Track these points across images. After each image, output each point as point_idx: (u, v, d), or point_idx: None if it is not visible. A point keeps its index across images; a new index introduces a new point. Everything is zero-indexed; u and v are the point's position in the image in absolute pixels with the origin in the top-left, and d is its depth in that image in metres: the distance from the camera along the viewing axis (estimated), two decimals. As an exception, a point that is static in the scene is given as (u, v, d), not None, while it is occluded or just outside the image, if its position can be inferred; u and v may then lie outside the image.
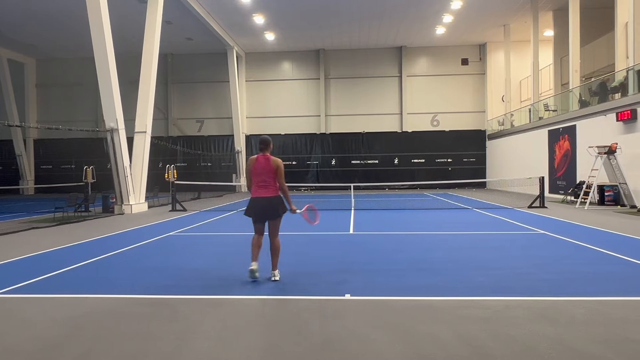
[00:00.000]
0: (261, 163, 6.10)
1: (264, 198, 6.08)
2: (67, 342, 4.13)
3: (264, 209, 6.13)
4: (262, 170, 6.09)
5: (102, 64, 15.95)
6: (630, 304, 4.94)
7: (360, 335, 4.15)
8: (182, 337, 4.19)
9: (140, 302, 5.32)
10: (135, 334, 4.29)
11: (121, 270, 7.02)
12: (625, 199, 15.86)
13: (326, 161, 32.59)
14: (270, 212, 6.13)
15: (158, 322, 4.59)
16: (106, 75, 15.98)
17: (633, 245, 8.50)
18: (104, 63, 15.91)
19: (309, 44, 31.57)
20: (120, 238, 10.48)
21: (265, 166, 6.09)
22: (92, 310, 5.03)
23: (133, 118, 17.96)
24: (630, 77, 16.34)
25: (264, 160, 6.09)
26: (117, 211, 16.48)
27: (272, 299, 5.36)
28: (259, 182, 6.11)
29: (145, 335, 4.24)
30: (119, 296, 5.57)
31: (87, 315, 4.84)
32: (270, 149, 6.22)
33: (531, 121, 24.93)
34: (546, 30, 26.45)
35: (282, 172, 6.13)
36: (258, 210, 6.16)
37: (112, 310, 5.03)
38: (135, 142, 17.82)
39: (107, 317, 4.77)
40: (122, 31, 23.93)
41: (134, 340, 4.14)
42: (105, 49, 15.75)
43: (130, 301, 5.37)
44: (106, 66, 15.90)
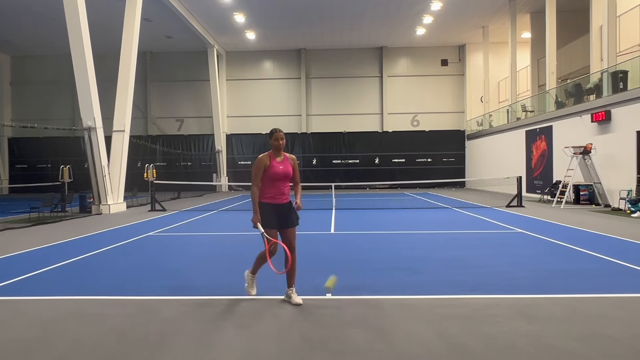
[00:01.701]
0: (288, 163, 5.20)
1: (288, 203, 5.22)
2: (43, 345, 4.04)
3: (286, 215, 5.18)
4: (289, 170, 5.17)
5: (80, 61, 15.66)
6: (605, 300, 5.05)
7: (340, 335, 4.15)
8: (162, 338, 4.14)
9: (118, 304, 5.24)
10: (113, 336, 4.23)
11: (99, 272, 6.91)
12: (599, 198, 16.22)
13: (307, 161, 32.58)
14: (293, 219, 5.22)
15: (137, 324, 4.53)
16: (83, 72, 15.70)
17: (607, 243, 8.71)
18: (81, 60, 15.62)
19: (290, 44, 31.51)
20: (97, 238, 10.31)
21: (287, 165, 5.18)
22: (69, 312, 4.94)
23: (111, 117, 17.68)
24: (605, 79, 16.72)
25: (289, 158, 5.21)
26: (94, 211, 16.21)
27: (252, 299, 5.34)
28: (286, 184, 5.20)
29: (124, 337, 4.18)
30: (96, 298, 5.48)
31: (64, 318, 4.75)
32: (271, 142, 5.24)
33: (509, 122, 25.33)
34: (524, 32, 26.88)
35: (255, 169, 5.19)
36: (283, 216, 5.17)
37: (90, 312, 4.95)
38: (114, 141, 17.55)
39: (85, 319, 4.69)
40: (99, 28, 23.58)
41: (113, 342, 4.08)
42: (82, 46, 15.47)
43: (109, 303, 5.29)
44: (83, 63, 15.62)
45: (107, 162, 16.74)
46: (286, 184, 5.13)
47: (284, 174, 5.05)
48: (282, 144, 5.09)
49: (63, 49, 19.83)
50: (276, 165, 5.03)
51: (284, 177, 5.05)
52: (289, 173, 5.08)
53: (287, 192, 5.16)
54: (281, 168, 5.03)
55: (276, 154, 5.09)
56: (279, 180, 5.03)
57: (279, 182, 5.04)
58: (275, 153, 5.09)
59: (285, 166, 5.07)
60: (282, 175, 5.03)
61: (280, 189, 5.07)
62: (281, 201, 5.09)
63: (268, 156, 5.07)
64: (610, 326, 4.24)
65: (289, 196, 5.18)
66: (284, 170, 5.04)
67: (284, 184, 5.09)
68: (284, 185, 5.09)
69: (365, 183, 28.81)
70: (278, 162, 5.05)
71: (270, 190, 5.05)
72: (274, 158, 5.07)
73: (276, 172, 5.01)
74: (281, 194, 5.08)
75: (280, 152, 5.11)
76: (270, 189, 5.04)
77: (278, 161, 5.06)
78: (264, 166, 5.01)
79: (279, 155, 5.10)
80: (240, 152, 33.12)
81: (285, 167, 5.06)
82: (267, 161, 5.03)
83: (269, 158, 5.06)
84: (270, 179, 5.01)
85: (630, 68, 15.70)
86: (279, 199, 5.07)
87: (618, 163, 15.37)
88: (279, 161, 5.07)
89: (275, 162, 5.04)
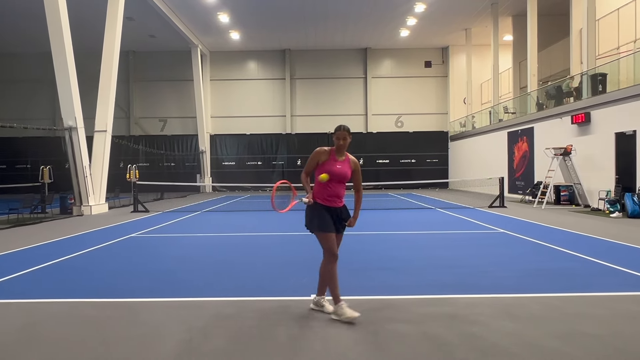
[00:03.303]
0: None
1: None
2: (24, 349, 3.96)
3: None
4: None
5: (60, 60, 15.42)
6: (586, 299, 5.14)
7: (325, 336, 4.15)
8: (144, 340, 4.09)
9: (100, 306, 5.17)
10: (95, 339, 4.16)
11: (80, 274, 6.80)
12: (579, 198, 16.51)
13: (292, 161, 32.54)
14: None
15: (119, 326, 4.47)
16: (64, 71, 15.46)
17: (587, 243, 8.86)
18: (62, 59, 15.38)
19: (274, 44, 31.46)
20: (78, 240, 10.16)
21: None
22: (49, 315, 4.86)
23: (92, 116, 17.45)
24: (584, 81, 17.03)
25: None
26: (75, 212, 15.97)
27: (237, 300, 5.31)
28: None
29: (106, 340, 4.12)
30: (77, 300, 5.39)
31: (44, 321, 4.67)
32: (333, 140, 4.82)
33: (491, 123, 25.63)
34: (506, 35, 27.24)
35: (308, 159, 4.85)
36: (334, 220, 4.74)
37: (71, 315, 4.87)
38: (95, 141, 17.32)
39: (66, 323, 4.62)
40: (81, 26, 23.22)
41: (95, 345, 4.02)
42: (63, 44, 15.23)
43: (90, 305, 5.21)
44: (64, 62, 15.38)
45: (88, 162, 16.51)
46: (342, 187, 4.73)
47: (341, 174, 4.63)
48: (343, 145, 4.66)
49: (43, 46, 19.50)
50: (334, 163, 4.63)
51: (340, 178, 4.64)
52: (346, 175, 4.68)
53: (342, 195, 4.75)
54: (338, 167, 4.62)
55: (338, 152, 4.69)
56: (334, 180, 4.62)
57: (333, 183, 4.63)
58: (337, 152, 4.69)
59: (344, 167, 4.66)
60: (337, 175, 4.61)
61: (335, 191, 4.66)
62: (336, 204, 4.68)
63: (329, 152, 4.66)
64: (591, 324, 4.31)
65: (343, 200, 4.80)
66: (341, 170, 4.63)
67: (339, 185, 4.68)
68: (339, 187, 4.69)
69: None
70: (337, 161, 4.66)
71: (325, 191, 4.64)
72: (334, 155, 4.67)
73: (332, 170, 4.59)
74: (336, 196, 4.67)
75: (343, 152, 4.71)
76: (325, 189, 4.64)
77: (338, 160, 4.67)
78: (318, 159, 4.64)
79: (340, 154, 4.70)
80: (225, 153, 32.95)
81: (344, 168, 4.65)
82: (325, 157, 4.64)
83: (328, 154, 4.65)
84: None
85: (609, 71, 16.01)
86: (334, 202, 4.66)
87: (597, 164, 15.65)
88: (339, 160, 4.68)
89: (334, 159, 4.65)
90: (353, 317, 4.41)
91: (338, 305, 4.51)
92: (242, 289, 5.83)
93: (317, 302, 4.84)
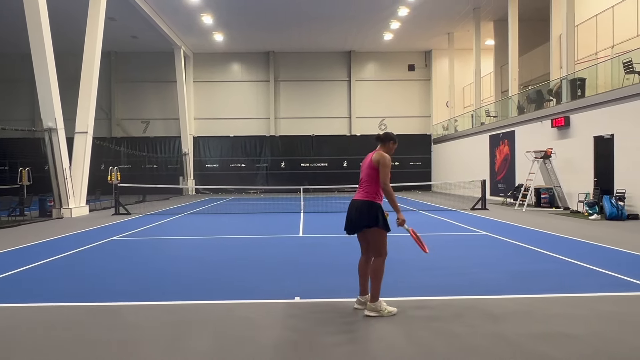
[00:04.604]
0: (365, 158, 4.99)
1: (354, 201, 4.91)
2: (1, 354, 3.88)
3: (350, 216, 4.89)
4: (363, 167, 4.95)
5: (40, 60, 15.14)
6: (565, 300, 5.22)
7: (308, 338, 4.15)
8: (125, 345, 4.04)
9: (80, 310, 5.08)
10: (75, 344, 4.10)
11: (59, 278, 6.69)
12: (559, 201, 16.78)
13: (276, 164, 32.47)
14: (355, 221, 4.84)
15: (100, 331, 4.40)
16: (44, 71, 15.19)
17: (567, 244, 9.01)
18: (42, 58, 15.11)
19: (258, 46, 31.39)
20: (58, 243, 9.99)
21: (366, 160, 4.92)
22: (27, 320, 4.77)
23: (73, 117, 17.19)
24: (564, 86, 17.33)
25: (369, 155, 4.95)
26: (55, 215, 15.70)
27: (220, 303, 5.27)
28: (360, 181, 4.95)
29: (88, 344, 4.06)
30: (56, 305, 5.30)
31: (22, 326, 4.57)
32: (388, 146, 4.95)
33: (473, 126, 25.92)
34: (487, 39, 27.59)
35: (385, 168, 4.74)
36: (346, 218, 4.94)
37: (49, 319, 4.78)
38: (76, 142, 17.06)
39: (44, 328, 4.53)
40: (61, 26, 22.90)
41: (74, 350, 3.96)
42: (43, 44, 14.96)
43: (69, 310, 5.12)
44: (44, 62, 15.11)
45: (68, 164, 16.25)
46: None
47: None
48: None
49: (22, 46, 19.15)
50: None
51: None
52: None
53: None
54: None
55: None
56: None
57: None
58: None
59: None
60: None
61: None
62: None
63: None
64: (571, 325, 4.38)
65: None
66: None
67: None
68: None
69: (333, 186, 28.91)
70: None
71: (381, 192, 4.81)
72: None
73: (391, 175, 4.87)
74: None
75: None
76: (381, 191, 4.80)
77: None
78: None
79: None
80: (208, 155, 32.73)
81: None
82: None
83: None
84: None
85: (588, 76, 16.33)
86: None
87: (576, 167, 15.93)
88: None
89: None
90: (393, 311, 4.71)
91: (379, 302, 4.72)
92: (226, 291, 5.79)
93: (362, 301, 4.93)
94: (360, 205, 4.77)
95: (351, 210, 4.86)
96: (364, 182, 4.84)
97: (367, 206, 4.74)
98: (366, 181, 4.82)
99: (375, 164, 4.75)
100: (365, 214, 4.72)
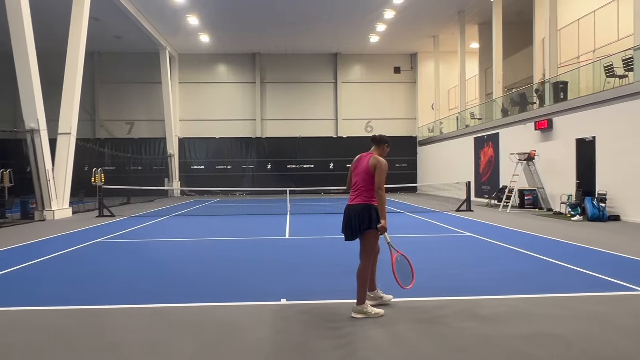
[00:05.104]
0: (360, 160, 4.95)
1: (350, 206, 4.87)
2: (-20, 359, 3.81)
3: (349, 222, 4.85)
4: (357, 170, 4.91)
5: (22, 59, 14.90)
6: (548, 300, 5.29)
7: (295, 340, 4.15)
8: (109, 348, 3.99)
9: (62, 314, 5.01)
10: (57, 347, 4.04)
11: (43, 281, 6.59)
12: (542, 202, 17.00)
13: (262, 165, 32.39)
14: (354, 226, 4.80)
15: (82, 334, 4.35)
16: (26, 71, 14.96)
17: (550, 245, 9.13)
18: (24, 58, 14.87)
19: (244, 48, 31.30)
20: (41, 246, 9.84)
21: (361, 163, 4.90)
22: (9, 323, 4.69)
23: (56, 118, 16.96)
24: (547, 89, 17.58)
25: (363, 157, 4.93)
26: (37, 217, 15.46)
27: (206, 305, 5.24)
28: (353, 184, 4.94)
29: (72, 348, 4.01)
30: (40, 308, 5.22)
31: (4, 330, 4.50)
32: (382, 148, 4.99)
33: (458, 128, 26.15)
34: (472, 42, 27.88)
35: (382, 173, 4.75)
36: (344, 223, 4.92)
37: (34, 323, 4.71)
38: (59, 143, 16.83)
39: (26, 331, 4.45)
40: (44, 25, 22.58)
41: (55, 354, 3.90)
42: (25, 43, 14.72)
43: (54, 313, 5.05)
44: (26, 61, 14.87)
45: (51, 165, 16.03)
46: None
47: None
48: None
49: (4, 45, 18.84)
50: None
51: None
52: None
53: None
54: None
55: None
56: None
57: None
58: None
59: None
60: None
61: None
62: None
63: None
64: (554, 325, 4.44)
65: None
66: None
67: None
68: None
69: (320, 188, 28.93)
70: None
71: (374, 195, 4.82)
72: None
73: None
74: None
75: None
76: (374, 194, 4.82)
77: None
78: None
79: None
80: (193, 157, 32.53)
81: None
82: None
83: None
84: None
85: (570, 79, 16.58)
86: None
87: (559, 169, 16.16)
88: None
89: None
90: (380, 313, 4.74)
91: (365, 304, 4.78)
92: (211, 294, 5.76)
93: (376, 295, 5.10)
94: (360, 211, 4.77)
95: (349, 216, 4.82)
96: (360, 187, 4.83)
97: (367, 210, 4.76)
98: (363, 186, 4.81)
99: (372, 168, 4.76)
100: (367, 218, 4.74)
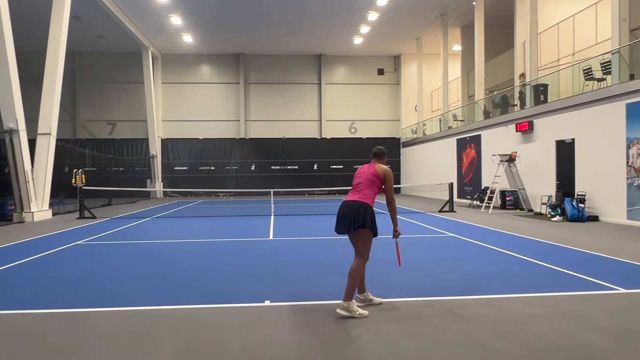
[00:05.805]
0: (363, 168, 5.25)
1: (347, 202, 5.05)
2: (-44, 364, 3.74)
3: (343, 216, 5.00)
4: (361, 174, 5.18)
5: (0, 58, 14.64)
6: (529, 300, 5.38)
7: (279, 342, 4.15)
8: (92, 351, 3.95)
9: (42, 317, 4.93)
10: (36, 351, 3.98)
11: (22, 283, 6.47)
12: (523, 203, 17.24)
13: (246, 166, 32.26)
14: (349, 221, 4.94)
15: (64, 337, 4.29)
16: (5, 70, 14.69)
17: (530, 245, 9.27)
18: (2, 56, 14.56)
19: (228, 48, 31.16)
20: (20, 248, 9.67)
21: (366, 169, 5.18)
22: (-14, 327, 4.60)
23: (35, 118, 16.68)
24: (527, 91, 17.84)
25: (367, 166, 5.24)
26: (16, 219, 15.19)
27: (189, 308, 5.21)
28: (353, 186, 5.18)
29: (52, 352, 3.95)
30: (19, 312, 5.12)
31: (-19, 334, 4.41)
32: (382, 160, 5.30)
33: (441, 130, 26.38)
34: (455, 45, 28.15)
35: (392, 184, 5.15)
36: (338, 218, 5.08)
37: (11, 326, 4.63)
38: (38, 144, 16.56)
39: (7, 335, 4.38)
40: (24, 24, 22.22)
41: (37, 357, 3.84)
42: (3, 41, 14.44)
43: (31, 317, 4.96)
44: (4, 60, 14.60)
45: (30, 166, 15.76)
46: None
47: None
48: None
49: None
50: None
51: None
52: None
53: None
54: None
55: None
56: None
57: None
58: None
59: None
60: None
61: None
62: None
63: None
64: (533, 323, 4.52)
65: None
66: None
67: None
68: None
69: (304, 189, 28.93)
70: None
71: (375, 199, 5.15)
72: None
73: None
74: None
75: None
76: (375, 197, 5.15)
77: None
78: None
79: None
80: (176, 157, 32.25)
81: None
82: None
83: None
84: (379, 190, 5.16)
85: (550, 82, 16.86)
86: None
87: (540, 170, 16.41)
88: None
89: None
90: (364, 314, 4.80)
91: (352, 302, 4.83)
92: (194, 296, 5.73)
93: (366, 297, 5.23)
94: (357, 206, 4.94)
95: (345, 210, 5.00)
96: (362, 185, 5.07)
97: (364, 207, 4.93)
98: (366, 187, 5.05)
99: (381, 174, 5.07)
100: (362, 214, 4.89)
